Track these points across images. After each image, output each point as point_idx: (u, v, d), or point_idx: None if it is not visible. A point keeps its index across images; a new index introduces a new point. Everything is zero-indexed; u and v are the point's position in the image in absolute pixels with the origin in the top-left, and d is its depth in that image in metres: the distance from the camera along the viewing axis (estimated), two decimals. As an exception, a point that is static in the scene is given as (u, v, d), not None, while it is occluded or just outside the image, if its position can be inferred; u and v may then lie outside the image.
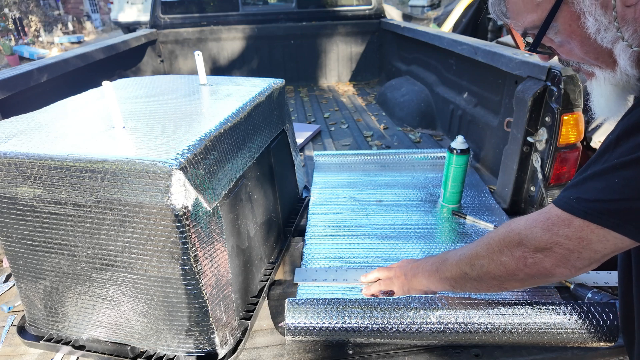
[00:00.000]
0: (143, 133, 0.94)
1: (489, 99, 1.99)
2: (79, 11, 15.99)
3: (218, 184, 0.95)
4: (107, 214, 0.86)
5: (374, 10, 3.74)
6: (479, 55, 1.88)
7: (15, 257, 0.99)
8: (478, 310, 0.95)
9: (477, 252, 0.84)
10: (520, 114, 1.50)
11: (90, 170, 0.82)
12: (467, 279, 0.87)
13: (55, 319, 1.04)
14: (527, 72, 1.50)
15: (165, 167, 0.79)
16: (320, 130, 2.66)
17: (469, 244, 0.92)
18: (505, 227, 0.80)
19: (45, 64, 1.84)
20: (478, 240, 0.88)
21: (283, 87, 1.46)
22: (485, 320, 0.94)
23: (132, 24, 10.38)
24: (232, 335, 1.02)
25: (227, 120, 1.03)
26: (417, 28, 2.98)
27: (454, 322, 0.95)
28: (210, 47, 3.65)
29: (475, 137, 2.08)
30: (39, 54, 9.96)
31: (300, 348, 1.04)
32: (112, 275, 0.93)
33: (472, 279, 0.86)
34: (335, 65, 3.88)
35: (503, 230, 0.80)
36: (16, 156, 0.85)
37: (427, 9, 9.22)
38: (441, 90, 2.59)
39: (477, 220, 1.49)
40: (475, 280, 0.85)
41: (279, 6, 3.91)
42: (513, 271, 0.76)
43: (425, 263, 1.02)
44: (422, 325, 0.95)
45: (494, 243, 0.81)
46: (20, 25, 12.42)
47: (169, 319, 0.94)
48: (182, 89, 1.32)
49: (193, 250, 0.86)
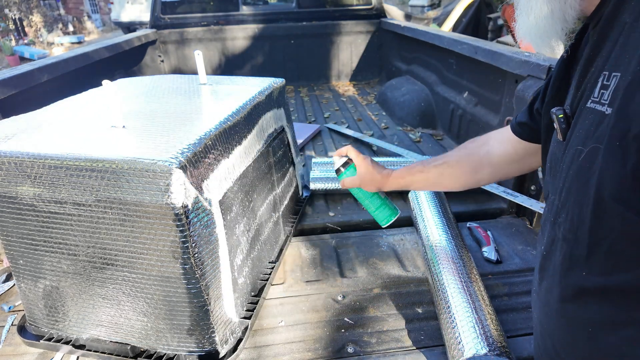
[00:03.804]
0: (143, 132, 0.94)
1: (489, 98, 1.99)
2: (79, 11, 15.99)
3: (218, 183, 0.95)
4: (107, 213, 0.86)
5: (374, 10, 3.74)
6: (479, 55, 1.88)
7: (16, 257, 0.99)
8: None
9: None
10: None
11: (91, 170, 0.82)
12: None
13: (56, 318, 1.04)
14: (527, 71, 1.50)
15: (165, 166, 0.79)
16: (320, 130, 2.66)
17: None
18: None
19: (45, 64, 1.84)
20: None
21: (283, 86, 1.46)
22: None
23: (132, 24, 10.38)
24: (232, 334, 1.02)
25: (227, 120, 1.03)
26: (418, 28, 2.98)
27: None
28: (211, 47, 3.65)
29: (476, 136, 2.08)
30: (39, 54, 9.96)
31: (301, 348, 1.04)
32: (112, 274, 0.93)
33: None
34: (336, 65, 3.88)
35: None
36: (16, 155, 0.86)
37: (427, 9, 9.22)
38: (441, 90, 2.59)
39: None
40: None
41: (279, 6, 3.91)
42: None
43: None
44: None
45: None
46: (21, 25, 12.42)
47: (169, 318, 0.94)
48: (182, 88, 1.32)
49: (193, 249, 0.86)
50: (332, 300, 1.19)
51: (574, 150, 0.55)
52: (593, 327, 0.55)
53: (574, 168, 0.55)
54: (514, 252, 1.37)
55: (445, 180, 1.01)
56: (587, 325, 0.56)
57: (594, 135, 0.51)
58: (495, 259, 1.32)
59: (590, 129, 0.52)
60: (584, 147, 0.53)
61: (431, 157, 1.05)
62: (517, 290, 1.20)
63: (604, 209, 0.49)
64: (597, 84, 0.52)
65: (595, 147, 0.50)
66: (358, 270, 1.32)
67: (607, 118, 0.49)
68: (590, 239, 0.52)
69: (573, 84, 0.62)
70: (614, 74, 0.49)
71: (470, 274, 1.12)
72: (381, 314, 1.14)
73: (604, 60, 0.53)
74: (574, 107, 0.59)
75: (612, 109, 0.48)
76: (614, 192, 0.47)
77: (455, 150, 1.02)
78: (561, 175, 0.59)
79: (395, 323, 1.10)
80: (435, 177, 1.01)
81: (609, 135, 0.47)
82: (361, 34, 3.75)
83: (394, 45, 3.55)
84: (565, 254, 0.58)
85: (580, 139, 0.54)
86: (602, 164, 0.48)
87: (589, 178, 0.51)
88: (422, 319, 1.11)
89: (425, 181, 1.04)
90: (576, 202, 0.54)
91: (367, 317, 1.13)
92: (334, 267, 1.34)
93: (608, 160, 0.48)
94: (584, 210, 0.52)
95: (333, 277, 1.29)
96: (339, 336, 1.07)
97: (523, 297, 1.17)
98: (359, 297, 1.21)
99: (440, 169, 1.00)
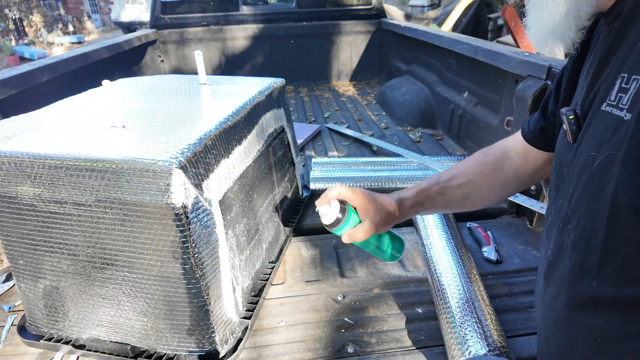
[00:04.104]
0: (143, 132, 0.94)
1: (489, 98, 1.99)
2: (79, 11, 15.99)
3: (218, 183, 0.95)
4: (107, 213, 0.86)
5: (374, 10, 3.74)
6: (479, 55, 1.88)
7: (16, 257, 0.99)
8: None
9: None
10: (520, 113, 1.50)
11: (90, 169, 0.82)
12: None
13: (56, 319, 1.04)
14: (527, 71, 1.50)
15: (165, 166, 0.79)
16: (320, 130, 2.66)
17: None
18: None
19: (45, 64, 1.84)
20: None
21: (283, 86, 1.46)
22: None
23: (132, 24, 10.38)
24: (232, 334, 1.02)
25: (227, 120, 1.03)
26: (418, 28, 2.98)
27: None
28: (211, 47, 3.65)
29: (476, 137, 2.08)
30: (39, 54, 9.96)
31: (301, 348, 1.04)
32: (112, 274, 0.93)
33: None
34: (336, 65, 3.88)
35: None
36: (16, 155, 0.86)
37: (427, 9, 9.22)
38: (441, 90, 2.59)
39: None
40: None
41: (279, 6, 3.92)
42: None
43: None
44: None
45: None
46: (21, 25, 12.43)
47: (169, 318, 0.94)
48: (182, 88, 1.32)
49: (193, 249, 0.86)
50: (332, 300, 1.19)
51: (587, 155, 0.53)
52: (602, 337, 0.54)
53: (586, 174, 0.53)
54: (514, 252, 1.37)
55: (471, 201, 0.88)
56: (596, 335, 0.55)
57: (611, 142, 0.49)
58: (495, 259, 1.32)
59: (606, 134, 0.50)
60: (598, 153, 0.51)
61: (443, 174, 0.89)
62: (517, 290, 1.20)
63: (620, 219, 0.47)
64: (613, 86, 0.50)
65: (611, 155, 0.48)
66: (358, 270, 1.32)
67: (626, 124, 0.46)
68: (603, 249, 0.51)
69: (584, 84, 0.60)
70: (634, 77, 0.47)
71: (470, 274, 1.12)
72: (381, 314, 1.14)
73: (621, 61, 0.51)
74: (586, 108, 0.57)
75: (631, 115, 0.46)
76: (633, 202, 0.45)
77: (475, 166, 0.88)
78: (571, 179, 0.58)
79: (395, 323, 1.10)
80: (460, 199, 0.87)
81: (628, 143, 0.45)
82: (361, 34, 3.75)
83: (394, 45, 3.55)
84: (575, 262, 0.56)
85: (594, 144, 0.52)
86: (619, 173, 0.46)
87: (604, 186, 0.49)
88: (422, 319, 1.11)
89: (447, 205, 0.88)
90: (589, 210, 0.53)
91: (367, 317, 1.13)
92: (334, 267, 1.34)
93: (627, 169, 0.45)
94: (597, 219, 0.51)
95: (333, 277, 1.29)
96: (339, 336, 1.07)
97: (523, 297, 1.17)
98: (359, 297, 1.21)
99: (464, 189, 0.86)
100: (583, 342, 0.58)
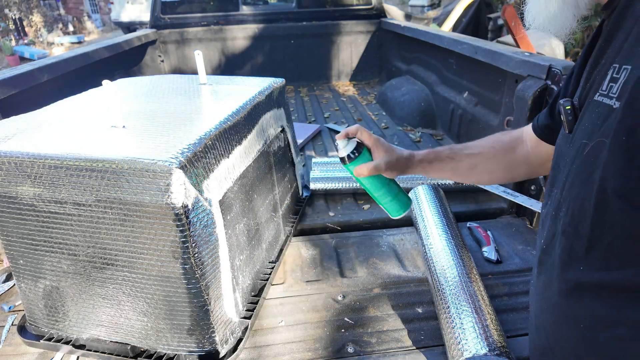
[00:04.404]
0: (143, 132, 0.94)
1: (489, 98, 1.99)
2: (79, 11, 15.99)
3: (218, 183, 0.95)
4: (107, 213, 0.86)
5: (374, 10, 3.74)
6: (479, 55, 1.88)
7: (16, 257, 0.99)
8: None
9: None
10: (520, 113, 1.50)
11: (91, 169, 0.82)
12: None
13: (56, 318, 1.04)
14: (527, 71, 1.50)
15: (165, 166, 0.79)
16: (320, 130, 2.66)
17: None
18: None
19: (45, 64, 1.84)
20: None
21: (283, 86, 1.46)
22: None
23: (132, 24, 10.38)
24: (232, 334, 1.02)
25: (227, 120, 1.03)
26: (418, 28, 2.98)
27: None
28: (211, 47, 3.65)
29: (476, 137, 2.07)
30: (39, 54, 9.96)
31: (301, 348, 1.04)
32: (113, 274, 0.93)
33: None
34: (336, 65, 3.88)
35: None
36: (16, 155, 0.86)
37: (427, 9, 9.22)
38: (441, 90, 2.59)
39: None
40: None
41: (279, 6, 3.91)
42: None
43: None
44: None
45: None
46: (21, 25, 12.42)
47: (169, 318, 0.94)
48: (182, 88, 1.32)
49: (193, 249, 0.86)
50: (332, 300, 1.19)
51: (580, 143, 0.54)
52: (586, 323, 0.55)
53: (577, 162, 0.54)
54: (514, 252, 1.37)
55: (477, 173, 0.91)
56: (581, 321, 0.55)
57: (600, 129, 0.50)
58: (495, 259, 1.32)
59: (597, 122, 0.51)
60: (589, 141, 0.51)
61: (459, 144, 0.93)
62: (517, 290, 1.20)
63: (607, 204, 0.48)
64: (606, 77, 0.51)
65: (600, 141, 0.49)
66: (358, 270, 1.32)
67: (615, 112, 0.47)
68: (590, 234, 0.51)
69: (583, 76, 0.61)
70: (624, 66, 0.48)
71: (470, 274, 1.12)
72: (381, 314, 1.14)
73: (615, 52, 0.52)
74: (582, 99, 0.58)
75: (620, 102, 0.47)
76: (618, 188, 0.46)
77: (489, 142, 0.92)
78: (565, 168, 0.58)
79: (395, 323, 1.10)
80: (467, 168, 0.89)
81: (616, 130, 0.46)
82: (361, 33, 3.75)
83: (394, 45, 3.55)
84: (564, 248, 0.57)
85: (586, 132, 0.53)
86: (606, 159, 0.47)
87: (592, 172, 0.50)
88: (422, 319, 1.11)
89: (454, 171, 0.91)
90: (578, 196, 0.53)
91: (367, 317, 1.13)
92: (334, 267, 1.34)
93: (613, 155, 0.46)
94: (585, 205, 0.51)
95: (333, 277, 1.29)
96: (339, 336, 1.07)
97: (523, 297, 1.17)
98: (359, 297, 1.21)
99: (473, 159, 0.89)
100: (569, 329, 0.58)
